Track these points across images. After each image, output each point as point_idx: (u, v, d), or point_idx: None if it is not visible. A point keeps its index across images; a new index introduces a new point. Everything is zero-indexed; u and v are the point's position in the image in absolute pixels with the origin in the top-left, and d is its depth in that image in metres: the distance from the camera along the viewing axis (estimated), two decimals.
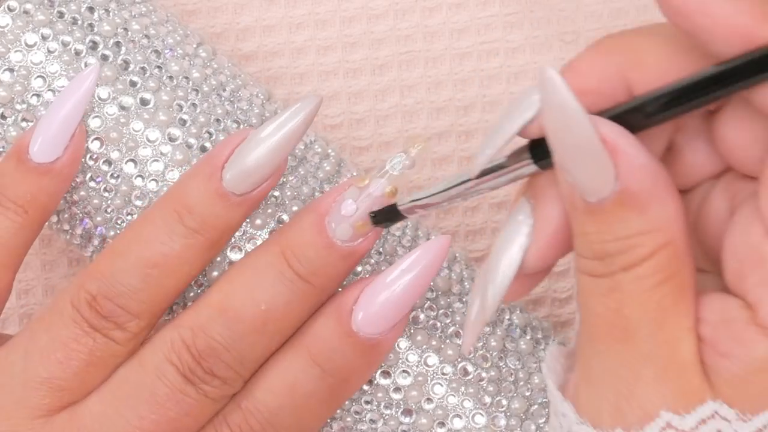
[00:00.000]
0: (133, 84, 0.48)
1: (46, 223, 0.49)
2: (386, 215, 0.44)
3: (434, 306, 0.48)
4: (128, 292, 0.45)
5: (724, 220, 0.39)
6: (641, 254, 0.37)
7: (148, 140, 0.47)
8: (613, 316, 0.38)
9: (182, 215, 0.45)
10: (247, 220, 0.47)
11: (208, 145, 0.48)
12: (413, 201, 0.43)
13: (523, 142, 0.40)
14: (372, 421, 0.48)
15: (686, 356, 0.37)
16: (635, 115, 0.38)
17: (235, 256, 0.47)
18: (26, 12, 0.48)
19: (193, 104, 0.48)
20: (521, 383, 0.48)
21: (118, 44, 0.48)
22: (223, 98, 0.49)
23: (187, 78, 0.48)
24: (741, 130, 0.38)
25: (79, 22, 0.48)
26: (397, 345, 0.48)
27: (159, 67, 0.48)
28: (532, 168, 0.39)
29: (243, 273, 0.45)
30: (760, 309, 0.37)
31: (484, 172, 0.40)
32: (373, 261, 0.48)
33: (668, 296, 0.37)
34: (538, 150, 0.39)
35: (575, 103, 0.36)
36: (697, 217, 0.41)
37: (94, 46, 0.48)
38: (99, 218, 0.48)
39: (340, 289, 0.46)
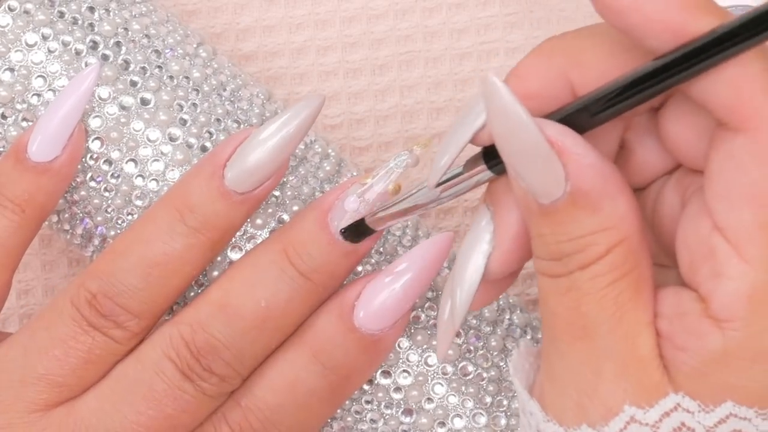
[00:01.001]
0: (133, 84, 0.48)
1: (46, 223, 0.49)
2: (355, 229, 0.44)
3: (435, 306, 0.48)
4: (128, 292, 0.45)
5: (678, 215, 0.40)
6: (596, 252, 0.38)
7: (149, 140, 0.47)
8: (572, 314, 0.38)
9: (184, 214, 0.45)
10: (248, 220, 0.47)
11: (208, 144, 0.48)
12: (377, 214, 0.44)
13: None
14: (372, 420, 0.48)
15: (645, 351, 0.38)
16: (581, 116, 0.38)
17: (235, 255, 0.47)
18: (27, 12, 0.48)
19: (194, 104, 0.48)
20: None
21: (118, 44, 0.48)
22: (223, 98, 0.49)
23: (187, 78, 0.48)
24: (684, 126, 0.39)
25: (80, 22, 0.48)
26: (398, 345, 0.48)
27: (159, 66, 0.48)
28: (488, 174, 0.40)
29: (244, 270, 0.45)
30: (711, 301, 0.37)
31: (442, 182, 0.41)
32: (373, 261, 0.48)
33: (625, 292, 0.38)
34: (492, 156, 0.39)
35: (519, 108, 0.37)
36: (653, 214, 0.41)
37: (94, 45, 0.48)
38: (99, 218, 0.48)
39: (341, 288, 0.46)
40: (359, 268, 0.48)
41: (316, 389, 0.45)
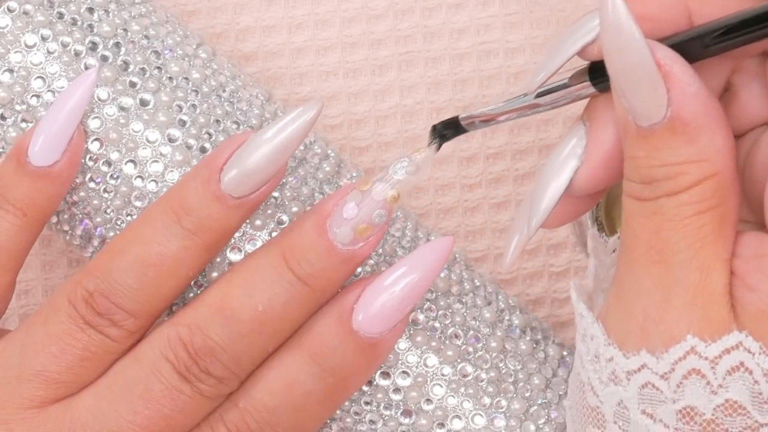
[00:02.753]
0: (132, 85, 0.48)
1: (46, 224, 0.49)
2: (447, 126, 0.44)
3: (434, 307, 0.48)
4: (124, 291, 0.45)
5: None
6: (687, 182, 0.38)
7: (148, 141, 0.47)
8: (652, 238, 0.39)
9: (180, 216, 0.45)
10: (247, 221, 0.47)
11: (207, 146, 0.48)
12: (474, 115, 0.44)
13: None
14: (371, 422, 0.48)
15: (717, 286, 0.38)
16: (693, 45, 0.39)
17: (234, 257, 0.47)
18: (26, 13, 0.48)
19: (193, 105, 0.48)
20: (521, 384, 0.48)
21: (117, 45, 0.48)
22: (222, 99, 0.49)
23: (186, 79, 0.48)
24: None
25: (79, 23, 0.48)
26: (397, 346, 0.48)
27: (159, 67, 0.48)
28: (590, 90, 0.41)
29: (242, 273, 0.45)
30: None
31: (543, 92, 0.42)
32: (372, 262, 0.48)
33: (708, 225, 0.38)
34: (598, 73, 0.40)
35: (633, 26, 0.37)
36: (745, 163, 0.42)
37: (93, 46, 0.48)
38: (99, 219, 0.48)
39: (340, 290, 0.46)
40: (358, 270, 0.48)
41: (314, 391, 0.45)
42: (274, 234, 0.47)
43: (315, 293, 0.45)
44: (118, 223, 0.48)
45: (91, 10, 0.48)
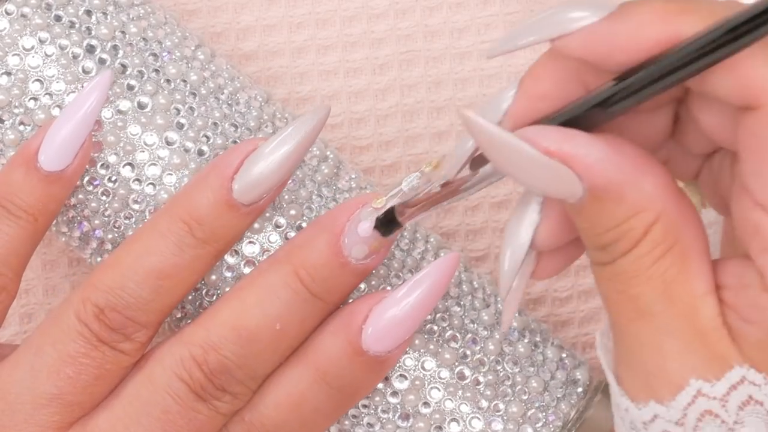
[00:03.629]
0: (130, 87, 0.48)
1: None
2: (390, 225, 0.45)
3: (432, 310, 0.48)
4: (137, 304, 0.45)
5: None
6: (634, 237, 0.38)
7: (146, 144, 0.47)
8: (623, 298, 0.38)
9: (192, 227, 0.45)
10: None
11: (205, 148, 0.48)
12: (405, 211, 0.44)
13: None
14: (369, 425, 0.48)
15: (706, 323, 0.38)
16: (594, 112, 0.38)
17: (231, 259, 0.47)
18: (24, 15, 0.48)
19: (191, 107, 0.48)
20: (518, 387, 0.48)
21: (115, 47, 0.48)
22: (221, 101, 0.49)
23: (184, 81, 0.48)
24: (709, 113, 0.39)
25: (77, 26, 0.48)
26: None
27: (156, 70, 0.48)
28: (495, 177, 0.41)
29: (254, 291, 0.45)
30: (766, 275, 0.37)
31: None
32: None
33: (671, 268, 0.38)
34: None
35: (505, 135, 0.37)
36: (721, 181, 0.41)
37: (91, 49, 0.48)
38: (97, 221, 0.48)
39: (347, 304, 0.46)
40: None
41: (321, 407, 0.45)
42: (271, 237, 0.47)
43: (328, 305, 0.45)
44: (116, 225, 0.48)
45: (88, 12, 0.48)
